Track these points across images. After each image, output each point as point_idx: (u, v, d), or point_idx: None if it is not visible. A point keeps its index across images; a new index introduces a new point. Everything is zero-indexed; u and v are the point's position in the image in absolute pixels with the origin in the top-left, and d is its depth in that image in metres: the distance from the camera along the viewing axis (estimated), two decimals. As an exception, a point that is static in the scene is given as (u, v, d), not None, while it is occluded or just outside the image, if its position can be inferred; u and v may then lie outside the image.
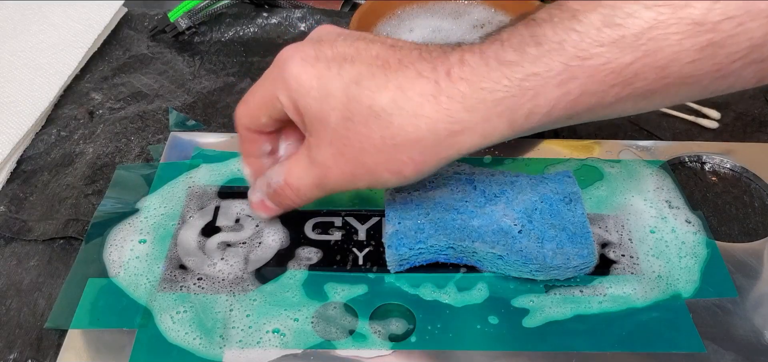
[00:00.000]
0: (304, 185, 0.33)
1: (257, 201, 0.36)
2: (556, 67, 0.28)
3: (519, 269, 0.35)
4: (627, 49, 0.27)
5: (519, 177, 0.39)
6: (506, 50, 0.28)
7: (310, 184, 0.33)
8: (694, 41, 0.26)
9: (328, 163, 0.31)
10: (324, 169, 0.32)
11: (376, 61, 0.30)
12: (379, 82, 0.29)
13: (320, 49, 0.31)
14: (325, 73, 0.30)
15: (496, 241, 0.35)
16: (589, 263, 0.35)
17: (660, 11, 0.26)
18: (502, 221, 0.36)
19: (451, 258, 0.36)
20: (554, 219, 0.37)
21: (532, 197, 0.38)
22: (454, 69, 0.29)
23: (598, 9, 0.27)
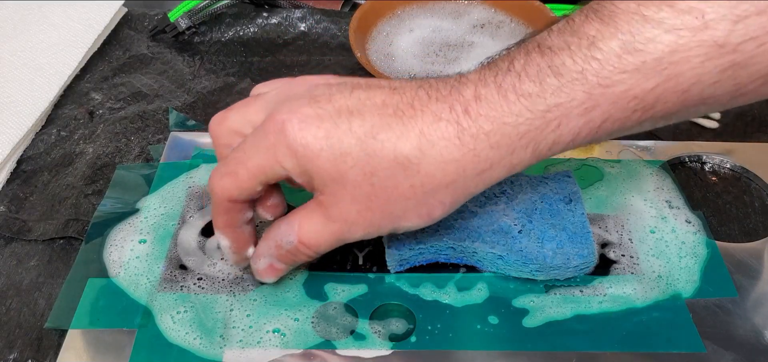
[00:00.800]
0: (321, 241, 0.31)
1: (265, 268, 0.34)
2: (578, 97, 0.27)
3: (519, 269, 0.35)
4: (649, 75, 0.26)
5: (519, 176, 0.39)
6: (523, 82, 0.28)
7: (328, 240, 0.31)
8: (716, 63, 0.26)
9: (350, 218, 0.30)
10: (346, 224, 0.31)
11: (386, 110, 0.29)
12: (397, 131, 0.29)
13: (319, 106, 0.30)
14: (333, 131, 0.29)
15: (496, 241, 0.35)
16: (590, 263, 0.35)
17: (680, 34, 0.26)
18: (502, 221, 0.36)
19: (451, 258, 0.36)
20: (554, 219, 0.37)
21: (532, 197, 0.38)
22: (471, 106, 0.28)
23: (616, 35, 0.27)
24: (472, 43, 0.52)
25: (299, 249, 0.32)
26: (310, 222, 0.31)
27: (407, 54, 0.51)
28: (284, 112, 0.30)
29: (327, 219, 0.31)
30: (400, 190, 0.29)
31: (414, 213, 0.30)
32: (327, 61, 0.55)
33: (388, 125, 0.29)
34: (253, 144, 0.31)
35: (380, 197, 0.29)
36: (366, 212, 0.30)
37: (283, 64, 0.55)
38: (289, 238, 0.32)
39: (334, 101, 0.30)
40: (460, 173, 0.29)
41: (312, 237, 0.31)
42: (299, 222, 0.31)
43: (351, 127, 0.29)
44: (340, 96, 0.30)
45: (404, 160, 0.29)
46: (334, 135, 0.29)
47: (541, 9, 0.53)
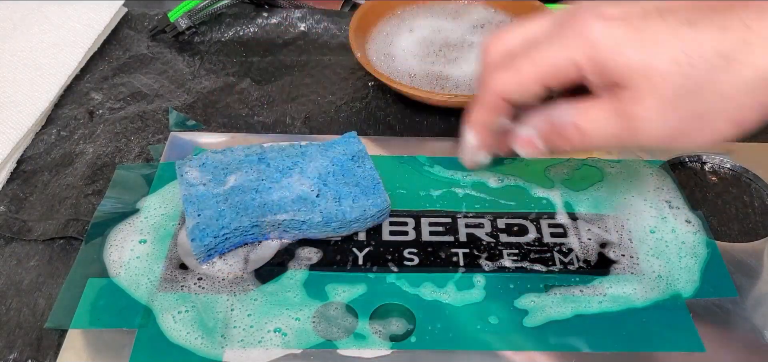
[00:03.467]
0: (600, 133, 0.30)
1: (525, 139, 0.33)
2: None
3: (322, 229, 0.37)
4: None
5: (309, 146, 0.42)
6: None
7: (608, 135, 0.30)
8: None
9: (648, 116, 0.28)
10: (639, 122, 0.28)
11: (701, 7, 0.27)
12: (717, 23, 0.27)
13: (623, 8, 0.28)
14: (642, 24, 0.28)
15: (298, 208, 0.37)
16: (385, 210, 0.38)
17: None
18: (300, 189, 0.38)
19: (258, 237, 0.37)
20: (347, 178, 0.39)
21: (323, 162, 0.40)
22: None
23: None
24: (472, 43, 0.52)
25: (571, 132, 0.30)
26: (595, 110, 0.30)
27: (407, 54, 0.51)
28: (586, 10, 0.28)
29: (618, 114, 0.29)
30: (717, 86, 0.27)
31: (725, 117, 0.28)
32: (327, 61, 0.55)
33: (706, 17, 0.27)
34: (549, 41, 0.29)
35: (693, 93, 0.27)
36: (671, 111, 0.28)
37: (283, 64, 0.55)
38: (565, 117, 0.30)
39: (638, 3, 0.28)
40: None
41: (591, 124, 0.30)
42: (583, 107, 0.30)
43: (664, 18, 0.27)
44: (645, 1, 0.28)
45: (727, 50, 0.27)
46: (643, 27, 0.28)
47: (541, 9, 0.53)
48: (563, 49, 0.29)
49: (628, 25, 0.28)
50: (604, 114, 0.29)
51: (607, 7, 0.29)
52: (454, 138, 0.46)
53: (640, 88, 0.28)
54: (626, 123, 0.29)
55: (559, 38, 0.29)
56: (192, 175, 0.39)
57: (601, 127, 0.30)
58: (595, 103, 0.30)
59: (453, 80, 0.49)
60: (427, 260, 0.37)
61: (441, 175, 0.42)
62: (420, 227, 0.39)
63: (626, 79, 0.28)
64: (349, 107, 0.50)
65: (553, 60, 0.29)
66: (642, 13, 0.28)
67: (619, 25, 0.28)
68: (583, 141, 0.30)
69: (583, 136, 0.30)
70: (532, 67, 0.30)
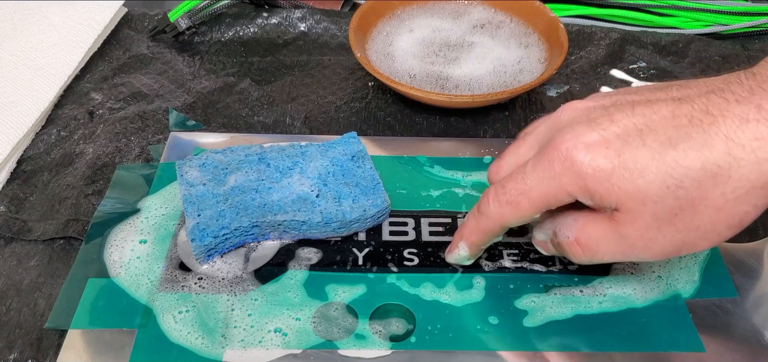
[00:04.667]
0: (601, 251, 0.31)
1: (540, 241, 0.34)
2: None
3: (322, 230, 0.37)
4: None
5: (309, 146, 0.42)
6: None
7: (609, 253, 0.31)
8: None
9: (646, 236, 0.29)
10: (639, 242, 0.29)
11: (679, 121, 0.28)
12: (699, 140, 0.27)
13: (602, 129, 0.29)
14: (625, 149, 0.28)
15: (298, 209, 0.37)
16: (385, 210, 0.38)
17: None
18: (300, 190, 0.38)
19: (258, 237, 0.37)
20: (347, 178, 0.39)
21: (323, 162, 0.40)
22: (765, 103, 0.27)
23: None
24: (472, 43, 0.52)
25: (571, 246, 0.31)
26: (594, 228, 0.31)
27: (407, 54, 0.51)
28: (567, 140, 0.29)
29: (616, 234, 0.30)
30: (709, 201, 0.28)
31: (723, 223, 0.28)
32: (327, 61, 0.55)
33: (687, 135, 0.28)
34: (536, 174, 0.30)
35: (686, 211, 0.28)
36: (668, 228, 0.29)
37: (283, 64, 0.55)
38: (567, 232, 0.32)
39: (616, 122, 0.29)
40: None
41: (592, 243, 0.31)
42: (583, 223, 0.31)
43: (644, 142, 0.28)
44: (620, 115, 0.29)
45: (713, 168, 0.27)
46: (626, 152, 0.28)
47: (541, 9, 0.53)
48: (554, 182, 0.30)
49: (612, 152, 0.28)
50: (603, 234, 0.30)
51: (587, 132, 0.29)
52: (454, 138, 0.46)
53: (633, 211, 0.29)
54: (625, 243, 0.30)
55: (547, 171, 0.30)
56: (192, 175, 0.39)
57: (602, 244, 0.31)
58: (594, 220, 0.31)
59: (453, 80, 0.49)
60: (427, 260, 0.37)
61: (441, 175, 0.42)
62: (420, 227, 0.39)
63: (620, 204, 0.29)
64: (349, 107, 0.50)
65: (546, 193, 0.30)
66: (622, 133, 0.29)
67: (603, 153, 0.29)
68: (587, 256, 0.31)
69: (585, 252, 0.31)
70: (529, 202, 0.31)
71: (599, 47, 0.56)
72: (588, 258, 0.31)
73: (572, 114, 0.32)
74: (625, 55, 0.55)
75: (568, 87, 0.52)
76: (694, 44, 0.56)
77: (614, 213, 0.29)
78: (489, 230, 0.33)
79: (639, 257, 0.30)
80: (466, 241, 0.35)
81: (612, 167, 0.28)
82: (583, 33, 0.57)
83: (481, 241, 0.34)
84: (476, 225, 0.34)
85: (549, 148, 0.30)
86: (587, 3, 0.59)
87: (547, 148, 0.30)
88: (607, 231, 0.30)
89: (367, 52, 0.51)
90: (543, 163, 0.30)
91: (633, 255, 0.30)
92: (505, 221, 0.32)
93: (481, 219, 0.33)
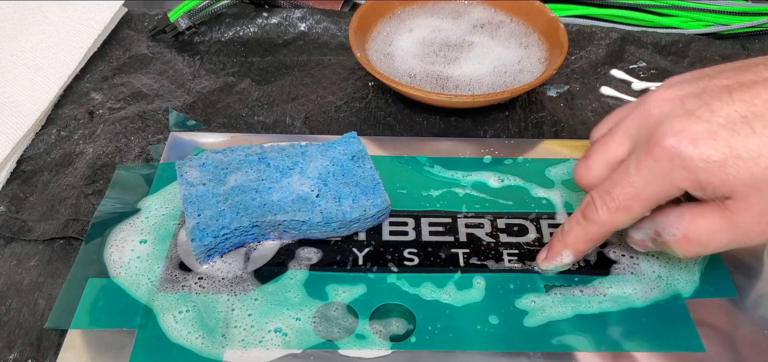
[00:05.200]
0: (713, 242, 0.31)
1: (638, 240, 0.34)
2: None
3: (322, 230, 0.37)
4: None
5: (309, 146, 0.42)
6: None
7: (721, 243, 0.31)
8: None
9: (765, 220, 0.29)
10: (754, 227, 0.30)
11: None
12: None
13: (704, 120, 0.29)
14: (733, 139, 0.28)
15: (298, 209, 0.37)
16: (385, 210, 0.38)
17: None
18: (300, 189, 0.38)
19: (258, 237, 0.37)
20: (347, 178, 0.39)
21: (323, 162, 0.40)
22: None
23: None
24: (472, 43, 0.52)
25: (679, 244, 0.31)
26: (704, 221, 0.30)
27: (407, 54, 0.51)
28: (669, 136, 0.29)
29: (730, 223, 0.30)
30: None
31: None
32: (327, 61, 0.55)
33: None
34: (643, 175, 0.30)
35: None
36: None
37: (283, 64, 0.55)
38: (673, 230, 0.31)
39: (717, 111, 0.29)
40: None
41: (703, 236, 0.31)
42: (690, 218, 0.31)
43: (753, 129, 0.28)
44: (719, 103, 0.29)
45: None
46: (736, 142, 0.28)
47: (541, 9, 0.53)
48: (663, 180, 0.30)
49: (721, 143, 0.29)
50: (714, 224, 0.30)
51: (690, 124, 0.29)
52: (454, 138, 0.46)
53: (749, 197, 0.29)
54: (739, 230, 0.30)
55: (654, 170, 0.30)
56: (192, 175, 0.39)
57: (712, 237, 0.31)
58: (702, 212, 0.31)
59: (453, 80, 0.49)
60: (427, 260, 0.37)
61: (441, 175, 0.42)
62: (420, 227, 0.39)
63: (734, 192, 0.29)
64: (349, 107, 0.50)
65: (656, 192, 0.30)
66: (727, 122, 0.29)
67: (711, 146, 0.29)
68: (696, 250, 0.31)
69: (694, 246, 0.31)
70: (640, 204, 0.31)
71: (599, 47, 0.56)
72: (697, 252, 0.31)
73: (664, 106, 0.31)
74: (625, 55, 0.55)
75: (568, 87, 0.52)
76: (694, 44, 0.56)
77: (727, 202, 0.29)
78: (598, 237, 0.33)
79: (753, 242, 0.30)
80: (572, 249, 0.34)
81: (724, 158, 0.28)
82: (583, 33, 0.57)
83: (587, 249, 0.34)
84: (584, 233, 0.33)
85: (651, 145, 0.30)
86: (587, 3, 0.59)
87: (648, 146, 0.30)
88: (720, 222, 0.30)
89: (367, 52, 0.51)
90: (648, 163, 0.30)
91: (747, 241, 0.30)
92: (616, 226, 0.32)
93: (590, 228, 0.33)
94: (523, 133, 0.47)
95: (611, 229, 0.33)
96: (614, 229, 0.33)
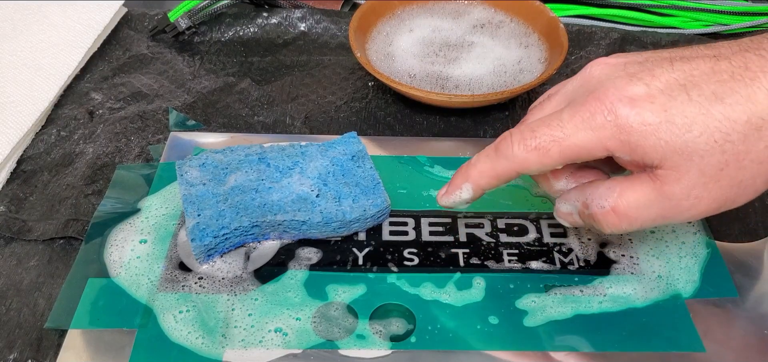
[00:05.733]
0: (643, 216, 0.30)
1: (565, 212, 0.33)
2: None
3: (322, 229, 0.37)
4: None
5: (309, 146, 0.42)
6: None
7: (651, 217, 0.30)
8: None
9: (692, 194, 0.29)
10: (684, 201, 0.29)
11: (720, 76, 0.28)
12: (743, 94, 0.28)
13: (644, 83, 0.29)
14: (671, 104, 0.28)
15: (298, 209, 0.37)
16: (385, 210, 0.38)
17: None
18: (300, 189, 0.38)
19: (258, 237, 0.37)
20: (347, 178, 0.39)
21: (323, 162, 0.40)
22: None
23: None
24: (472, 43, 0.52)
25: (607, 216, 0.30)
26: (634, 193, 0.30)
27: (407, 54, 0.51)
28: (610, 92, 0.29)
29: (659, 195, 0.29)
30: (753, 154, 0.28)
31: (763, 178, 0.29)
32: (327, 61, 0.55)
33: (731, 90, 0.28)
34: (574, 123, 0.30)
35: (731, 165, 0.28)
36: (712, 184, 0.29)
37: (283, 64, 0.55)
38: (601, 202, 0.31)
39: (658, 77, 0.29)
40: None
41: (632, 209, 0.30)
42: (620, 190, 0.30)
43: (690, 96, 0.28)
44: (660, 70, 0.29)
45: (758, 121, 0.28)
46: (672, 107, 0.28)
47: (541, 9, 0.53)
48: (592, 132, 0.29)
49: (658, 106, 0.28)
50: (644, 197, 0.30)
51: (630, 86, 0.29)
52: (454, 138, 0.46)
53: (679, 167, 0.28)
54: (669, 203, 0.29)
55: (588, 122, 0.29)
56: (192, 175, 0.39)
57: (641, 211, 0.30)
58: (632, 185, 0.30)
59: (453, 80, 0.49)
60: (427, 260, 0.37)
61: (441, 175, 0.42)
62: (420, 227, 0.39)
63: (665, 160, 0.29)
64: (349, 107, 0.50)
65: (581, 145, 0.30)
66: (666, 88, 0.29)
67: (648, 108, 0.28)
68: (623, 225, 0.31)
69: (622, 221, 0.30)
70: (559, 150, 0.30)
71: (599, 47, 0.56)
72: (625, 227, 0.31)
73: (605, 69, 0.31)
74: (625, 55, 0.55)
75: (568, 87, 0.52)
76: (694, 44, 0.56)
77: (657, 171, 0.29)
78: (504, 174, 0.32)
79: (682, 217, 0.30)
80: (473, 183, 0.33)
81: (658, 122, 0.28)
82: (583, 33, 0.57)
83: (489, 185, 0.33)
84: (491, 166, 0.32)
85: (590, 98, 0.29)
86: (587, 3, 0.59)
87: (588, 100, 0.30)
88: (650, 194, 0.29)
89: (367, 52, 0.51)
90: (583, 113, 0.29)
91: (676, 215, 0.30)
92: (526, 167, 0.31)
93: (498, 162, 0.32)
94: (523, 133, 0.47)
95: (520, 170, 0.31)
96: (523, 171, 0.31)
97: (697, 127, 0.28)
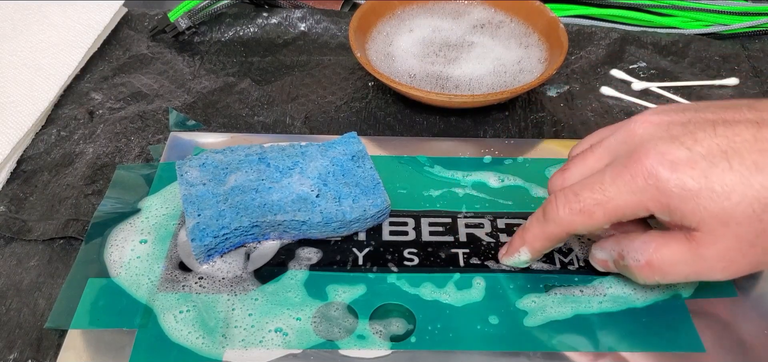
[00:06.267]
0: (673, 271, 0.31)
1: (601, 260, 0.35)
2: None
3: (322, 230, 0.37)
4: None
5: (309, 146, 0.42)
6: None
7: (683, 273, 0.31)
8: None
9: (727, 257, 0.30)
10: (718, 263, 0.30)
11: (763, 144, 0.29)
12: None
13: (686, 148, 0.29)
14: (711, 171, 0.29)
15: (298, 209, 0.37)
16: (385, 210, 0.38)
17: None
18: (300, 189, 0.38)
19: (258, 237, 0.37)
20: (347, 178, 0.39)
21: (323, 162, 0.40)
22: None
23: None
24: (472, 43, 0.52)
25: (641, 269, 0.32)
26: (669, 250, 0.31)
27: (407, 54, 0.51)
28: (651, 156, 0.30)
29: (694, 255, 0.30)
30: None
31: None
32: (327, 61, 0.55)
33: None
34: (617, 187, 0.31)
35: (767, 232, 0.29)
36: (748, 249, 0.29)
37: (283, 64, 0.55)
38: (637, 255, 0.32)
39: (700, 141, 0.29)
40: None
41: (666, 265, 0.31)
42: (656, 246, 0.31)
43: (731, 165, 0.29)
44: (703, 134, 0.30)
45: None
46: (712, 174, 0.29)
47: (541, 9, 0.53)
48: (633, 195, 0.30)
49: (699, 172, 0.29)
50: (678, 255, 0.30)
51: (671, 149, 0.30)
52: (454, 138, 0.46)
53: (716, 232, 0.29)
54: (704, 264, 0.30)
55: (629, 185, 0.30)
56: (192, 175, 0.39)
57: (675, 267, 0.31)
58: (668, 242, 0.31)
59: (453, 80, 0.49)
60: (427, 260, 0.37)
61: (441, 175, 0.42)
62: (420, 227, 0.39)
63: (702, 224, 0.29)
64: (349, 107, 0.50)
65: (624, 206, 0.31)
66: (708, 154, 0.29)
67: (689, 174, 0.29)
68: (656, 277, 0.32)
69: (656, 274, 0.31)
70: (604, 213, 0.31)
71: (599, 47, 0.56)
72: (657, 280, 0.32)
73: (649, 128, 0.31)
74: (625, 55, 0.55)
75: (568, 87, 0.52)
76: (694, 44, 0.56)
77: (693, 233, 0.30)
78: (554, 237, 0.33)
79: (715, 277, 0.31)
80: (529, 246, 0.34)
81: (699, 188, 0.29)
82: (583, 33, 0.57)
83: (544, 247, 0.34)
84: (541, 231, 0.33)
85: (631, 161, 0.30)
86: (587, 3, 0.59)
87: (629, 161, 0.30)
88: (685, 253, 0.30)
89: (367, 52, 0.51)
90: (625, 176, 0.30)
91: (709, 275, 0.31)
92: (573, 229, 0.32)
93: (547, 226, 0.33)
94: (523, 133, 0.47)
95: (568, 231, 0.32)
96: (571, 232, 0.32)
97: (736, 195, 0.28)
